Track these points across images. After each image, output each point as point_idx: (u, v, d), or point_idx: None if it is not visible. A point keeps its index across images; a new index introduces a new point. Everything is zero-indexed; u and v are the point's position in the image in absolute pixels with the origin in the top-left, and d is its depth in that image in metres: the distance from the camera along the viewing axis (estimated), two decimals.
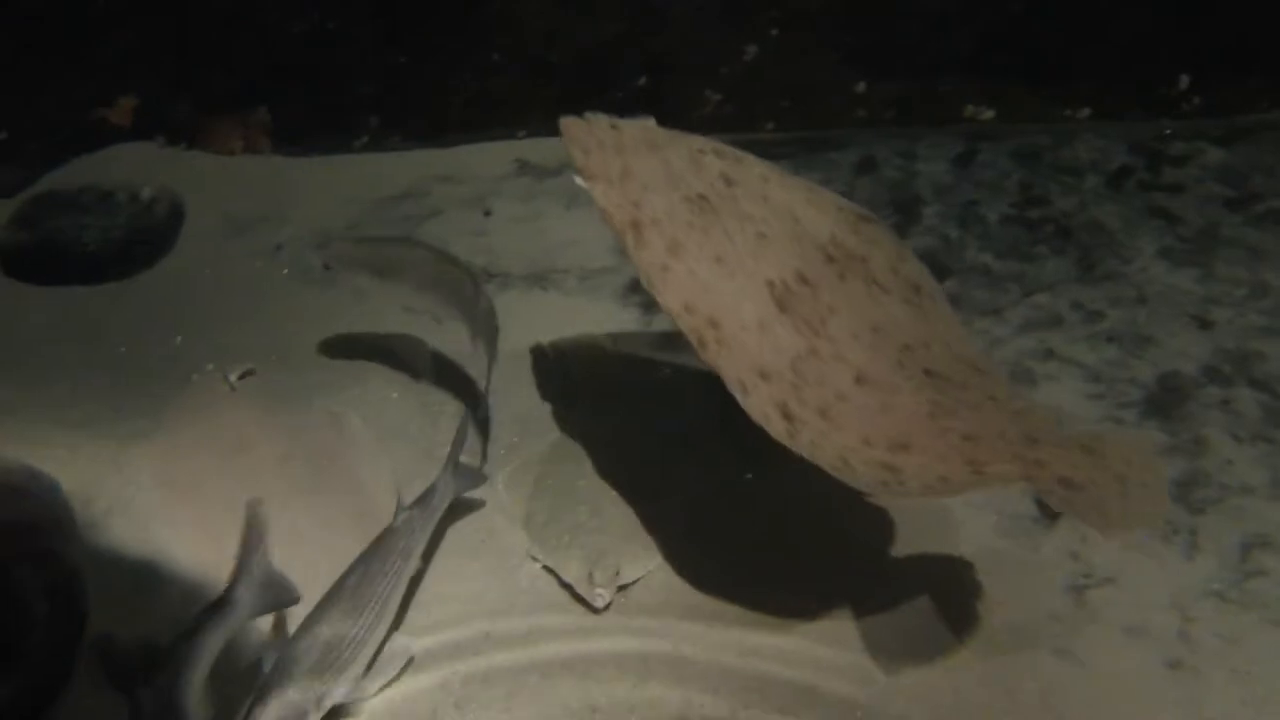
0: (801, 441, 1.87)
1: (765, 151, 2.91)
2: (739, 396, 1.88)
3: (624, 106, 2.95)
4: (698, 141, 2.08)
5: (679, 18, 2.97)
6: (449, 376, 2.49)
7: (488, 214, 2.85)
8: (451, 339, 2.47)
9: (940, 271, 2.66)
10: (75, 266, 2.74)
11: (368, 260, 2.41)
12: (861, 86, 3.09)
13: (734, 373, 1.89)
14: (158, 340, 2.60)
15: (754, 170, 2.09)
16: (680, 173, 2.02)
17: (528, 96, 3.02)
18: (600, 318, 2.62)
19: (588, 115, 2.05)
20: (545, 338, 2.58)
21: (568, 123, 2.03)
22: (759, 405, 1.87)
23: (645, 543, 2.14)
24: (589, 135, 2.03)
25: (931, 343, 2.03)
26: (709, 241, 1.96)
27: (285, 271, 2.75)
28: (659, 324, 2.62)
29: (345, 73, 2.93)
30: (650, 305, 2.65)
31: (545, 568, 2.11)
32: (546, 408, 2.43)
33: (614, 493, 2.22)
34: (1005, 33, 3.06)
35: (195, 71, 2.90)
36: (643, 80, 3.01)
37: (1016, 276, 2.71)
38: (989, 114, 3.15)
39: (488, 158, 3.00)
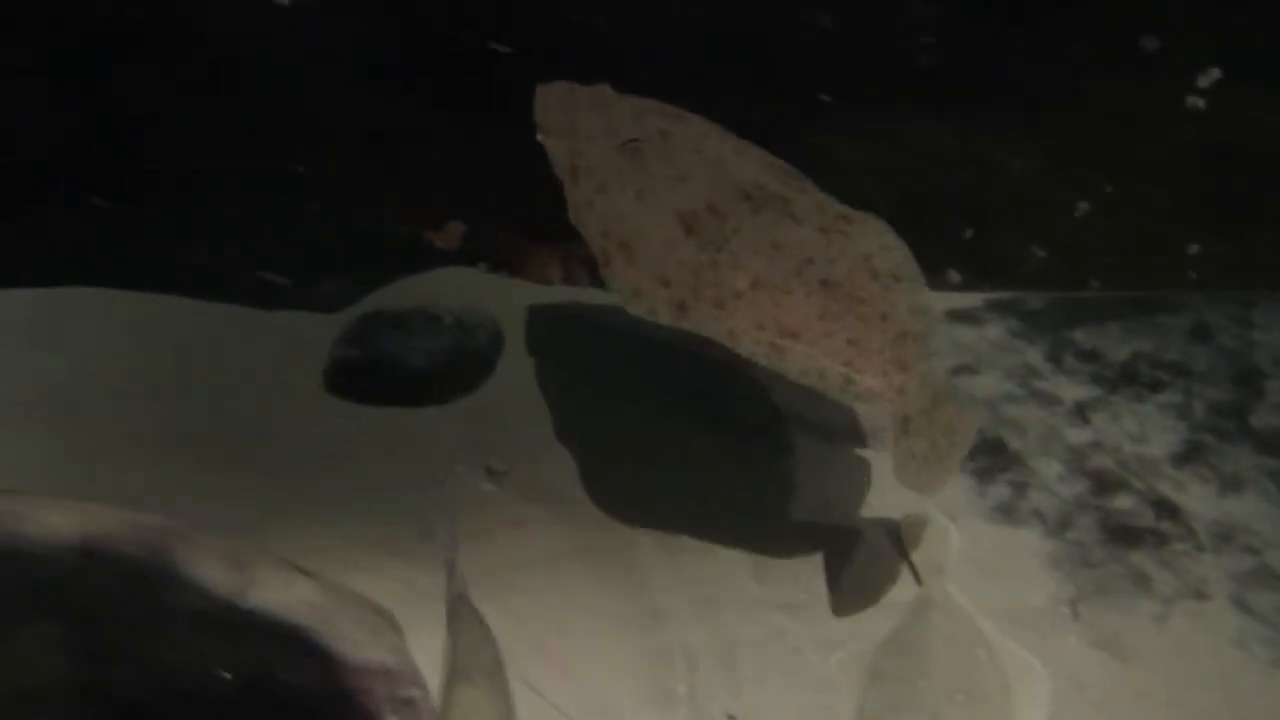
0: (689, 322, 2.28)
1: (1092, 311, 2.87)
2: (624, 301, 2.30)
3: (947, 257, 2.95)
4: (645, 103, 2.47)
5: (1009, 170, 2.89)
6: None
7: None
8: None
9: None
10: (398, 387, 2.75)
11: None
12: (1195, 248, 2.95)
13: (630, 283, 2.30)
14: (475, 465, 2.60)
15: (694, 128, 2.45)
16: (620, 127, 2.42)
17: None
18: None
19: (554, 83, 2.47)
20: (873, 496, 2.52)
21: (541, 88, 2.45)
22: (652, 304, 2.29)
23: None
24: (553, 97, 2.45)
25: (837, 259, 2.32)
26: (632, 181, 2.36)
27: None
28: (996, 492, 2.52)
29: None
30: (988, 471, 2.55)
31: None
32: None
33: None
34: None
35: (520, 201, 2.93)
36: (968, 233, 2.93)
37: None
38: None
39: None
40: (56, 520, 1.89)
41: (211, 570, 1.91)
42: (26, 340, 2.89)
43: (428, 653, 2.09)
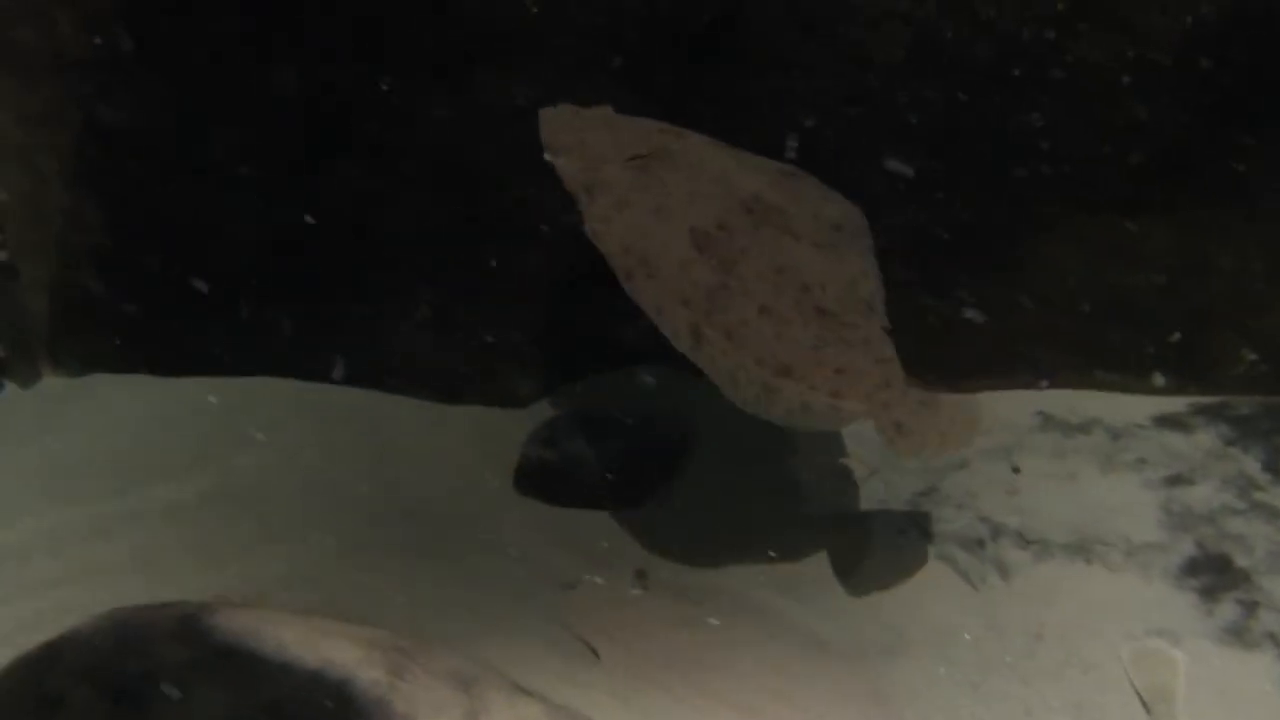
0: (703, 358, 2.39)
1: None
2: (653, 317, 2.41)
3: (1153, 360, 2.87)
4: (647, 122, 2.58)
5: (1224, 272, 2.81)
6: None
7: (1016, 470, 2.72)
8: None
9: None
10: (586, 488, 2.73)
11: None
12: None
13: (654, 300, 2.40)
14: (668, 571, 2.57)
15: (693, 141, 2.55)
16: (628, 144, 2.51)
17: (1053, 344, 2.89)
18: (1151, 600, 2.43)
19: (559, 105, 2.57)
20: (1091, 618, 2.43)
21: (545, 111, 2.54)
22: (673, 324, 2.39)
23: None
24: (558, 118, 2.54)
25: (830, 284, 2.44)
26: (649, 197, 2.46)
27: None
28: (1223, 613, 2.42)
29: None
30: (1212, 590, 2.45)
31: None
32: None
33: None
34: None
35: None
36: (1176, 336, 2.84)
37: None
38: None
39: (1008, 406, 2.84)
40: (295, 641, 1.89)
41: (446, 694, 1.89)
42: (218, 430, 2.93)
43: None
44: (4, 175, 2.91)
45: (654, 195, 2.46)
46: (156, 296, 3.03)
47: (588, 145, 2.51)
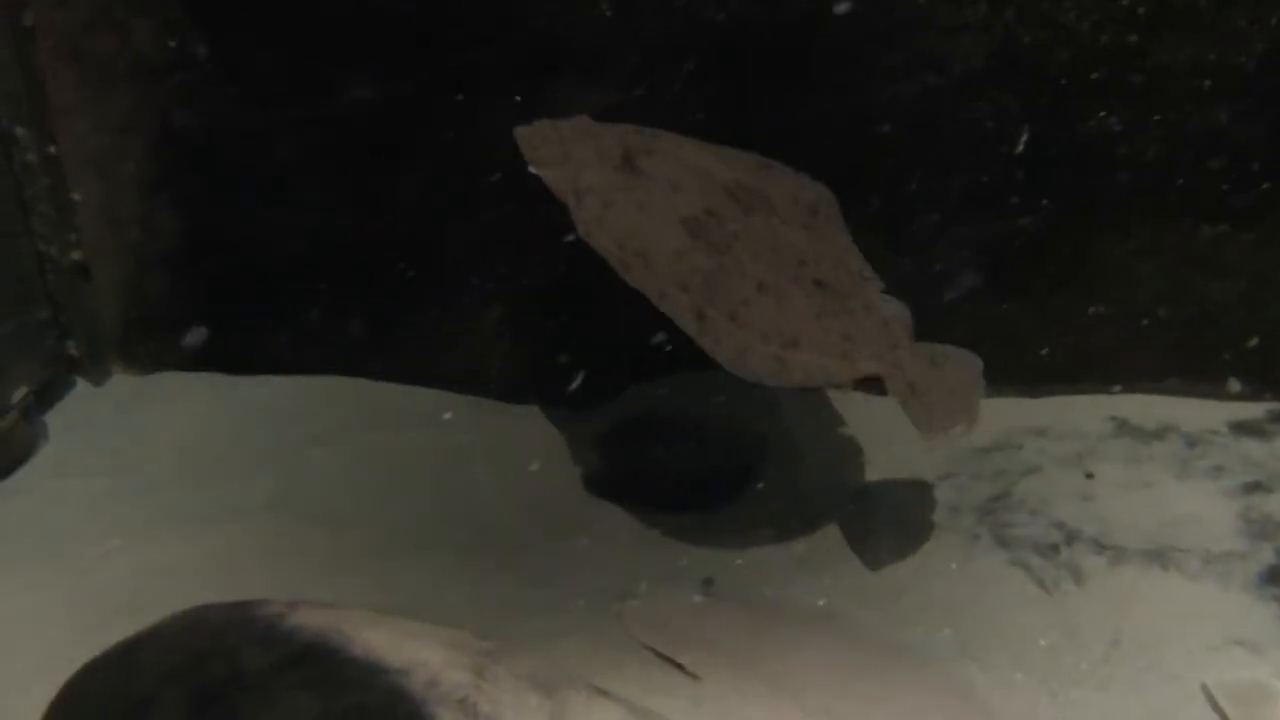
0: (707, 340, 2.44)
1: None
2: (657, 302, 2.46)
3: (1229, 366, 2.84)
4: (623, 127, 2.62)
5: None
6: None
7: (1090, 476, 2.70)
8: None
9: None
10: (657, 492, 2.74)
11: None
12: None
13: (656, 286, 2.46)
14: (743, 579, 2.55)
15: (669, 139, 2.61)
16: (609, 149, 2.57)
17: (1127, 350, 2.87)
18: (1231, 609, 2.42)
19: (534, 122, 2.59)
20: (1169, 626, 2.41)
21: (521, 130, 2.57)
22: (676, 308, 2.45)
23: None
24: (537, 134, 2.57)
25: (823, 259, 2.53)
26: (633, 195, 2.52)
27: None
28: None
29: (935, 313, 2.83)
30: None
31: None
32: None
33: None
34: None
35: None
36: (1255, 342, 2.81)
37: None
38: None
39: (1081, 412, 2.85)
40: (379, 642, 1.89)
41: (530, 697, 1.90)
42: (287, 429, 2.96)
43: None
44: (81, 179, 2.95)
45: (639, 192, 2.53)
46: (227, 297, 3.07)
47: (570, 155, 2.56)
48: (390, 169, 2.93)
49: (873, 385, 2.52)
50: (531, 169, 2.56)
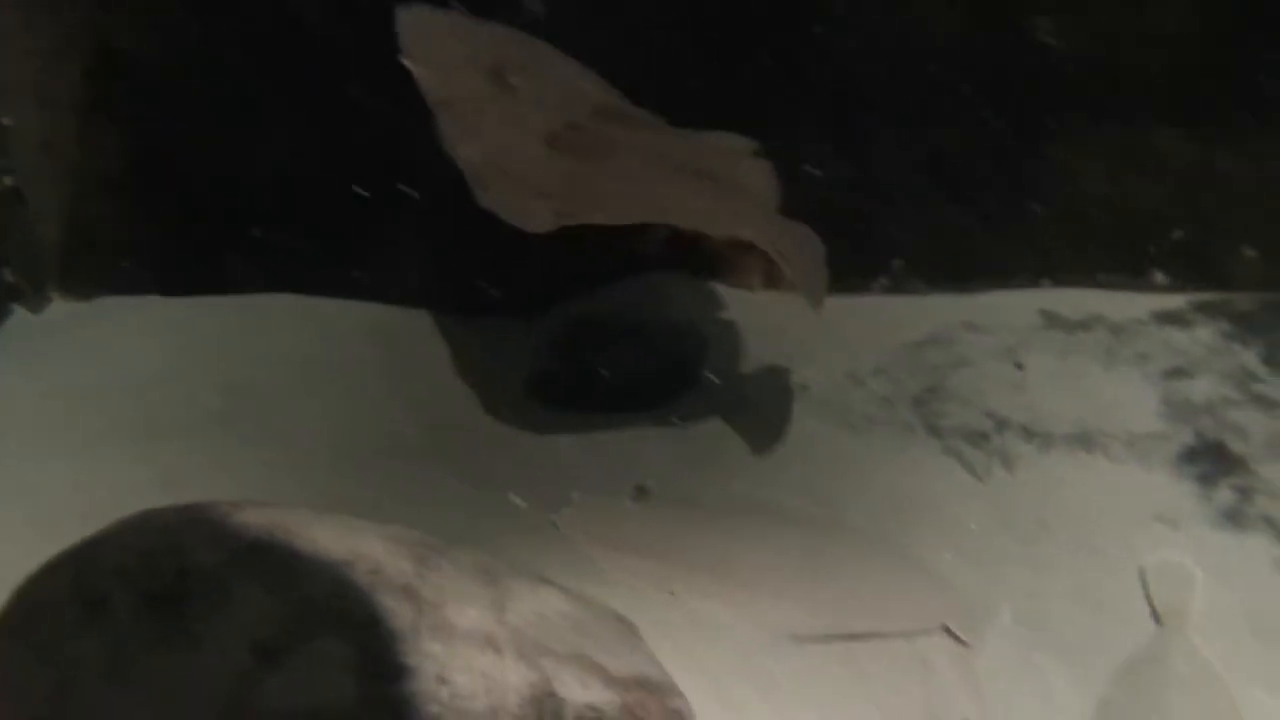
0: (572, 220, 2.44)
1: None
2: (515, 221, 2.42)
3: (1154, 258, 2.91)
4: (499, 29, 2.61)
5: (1234, 178, 2.84)
6: None
7: (1020, 367, 2.77)
8: None
9: None
10: (602, 396, 2.78)
11: None
12: None
13: (512, 203, 2.44)
14: (685, 477, 2.60)
15: (545, 55, 2.61)
16: (481, 56, 2.55)
17: (1057, 246, 2.93)
18: (1152, 488, 2.50)
19: (414, 7, 2.52)
20: (1094, 506, 2.49)
21: (403, 14, 2.49)
22: (531, 219, 2.43)
23: None
24: (417, 22, 2.50)
25: (691, 153, 2.57)
26: (499, 109, 2.51)
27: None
28: (1221, 498, 2.49)
29: (879, 216, 2.92)
30: (1209, 477, 2.52)
31: None
32: None
33: None
34: None
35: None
36: (1178, 235, 2.88)
37: None
38: None
39: (1012, 307, 2.91)
40: (323, 537, 1.93)
41: (472, 585, 1.95)
42: (232, 348, 2.96)
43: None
44: (14, 105, 2.92)
45: (507, 105, 2.53)
46: (166, 220, 3.06)
47: (444, 52, 2.54)
48: (329, 86, 2.91)
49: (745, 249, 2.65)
50: (403, 60, 2.51)
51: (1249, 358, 2.74)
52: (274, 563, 1.90)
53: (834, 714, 2.12)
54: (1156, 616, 2.31)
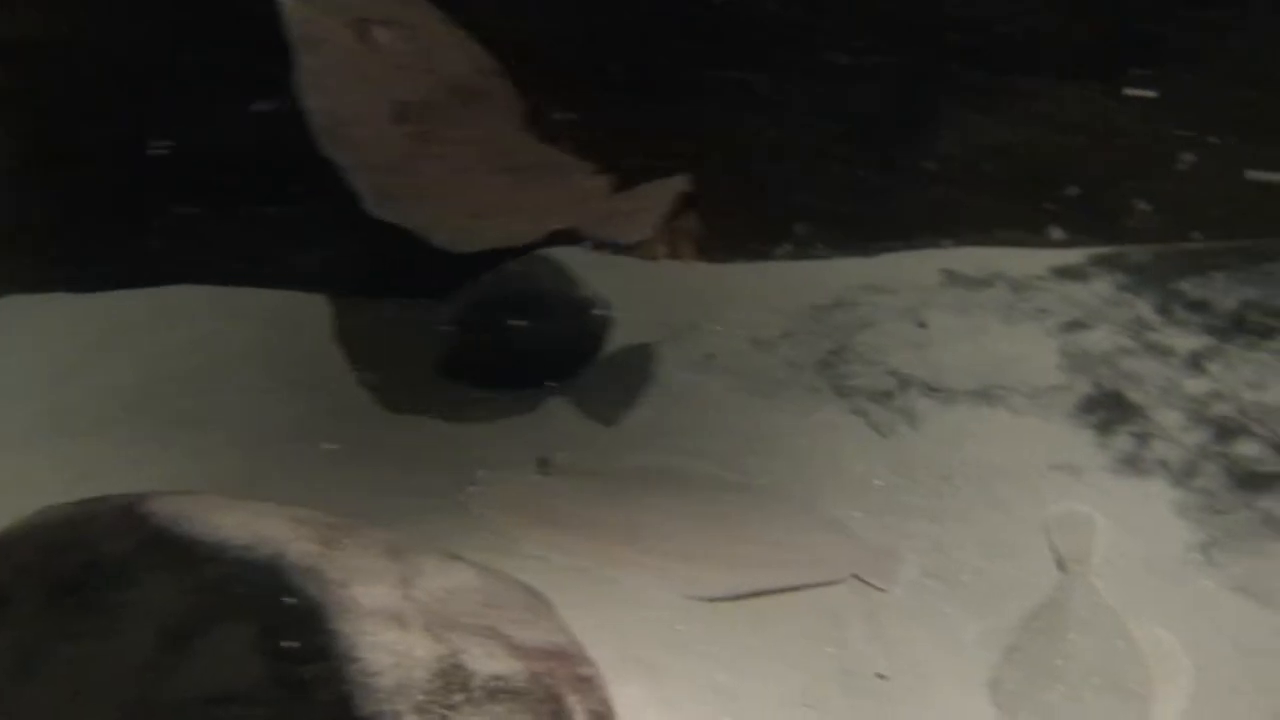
0: (390, 213, 2.44)
1: (1198, 262, 2.87)
2: (342, 174, 2.43)
3: (1052, 216, 2.96)
4: None
5: (1127, 132, 2.89)
6: None
7: (922, 326, 2.82)
8: None
9: None
10: (508, 372, 2.78)
11: None
12: None
13: (345, 159, 2.44)
14: (592, 448, 2.62)
15: (418, 15, 2.60)
16: (351, 4, 2.54)
17: (956, 205, 2.98)
18: (1052, 439, 2.56)
19: None
20: (996, 459, 2.54)
21: None
22: (359, 185, 2.43)
23: None
24: None
25: (528, 151, 2.61)
26: (357, 64, 2.50)
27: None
28: (1118, 445, 2.56)
29: (781, 181, 2.94)
30: (1107, 424, 2.59)
31: None
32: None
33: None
34: None
35: (625, 180, 2.94)
36: (1073, 190, 2.94)
37: None
38: None
39: (915, 267, 2.95)
40: (227, 522, 1.94)
41: (378, 563, 1.96)
42: (141, 340, 2.93)
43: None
44: None
45: (364, 62, 2.52)
46: (70, 215, 3.03)
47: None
48: (230, 73, 2.90)
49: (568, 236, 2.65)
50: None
51: (1144, 308, 2.81)
52: (179, 550, 1.91)
53: (747, 672, 2.16)
54: (1060, 563, 2.38)
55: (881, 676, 2.19)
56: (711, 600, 2.26)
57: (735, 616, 2.26)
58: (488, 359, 2.80)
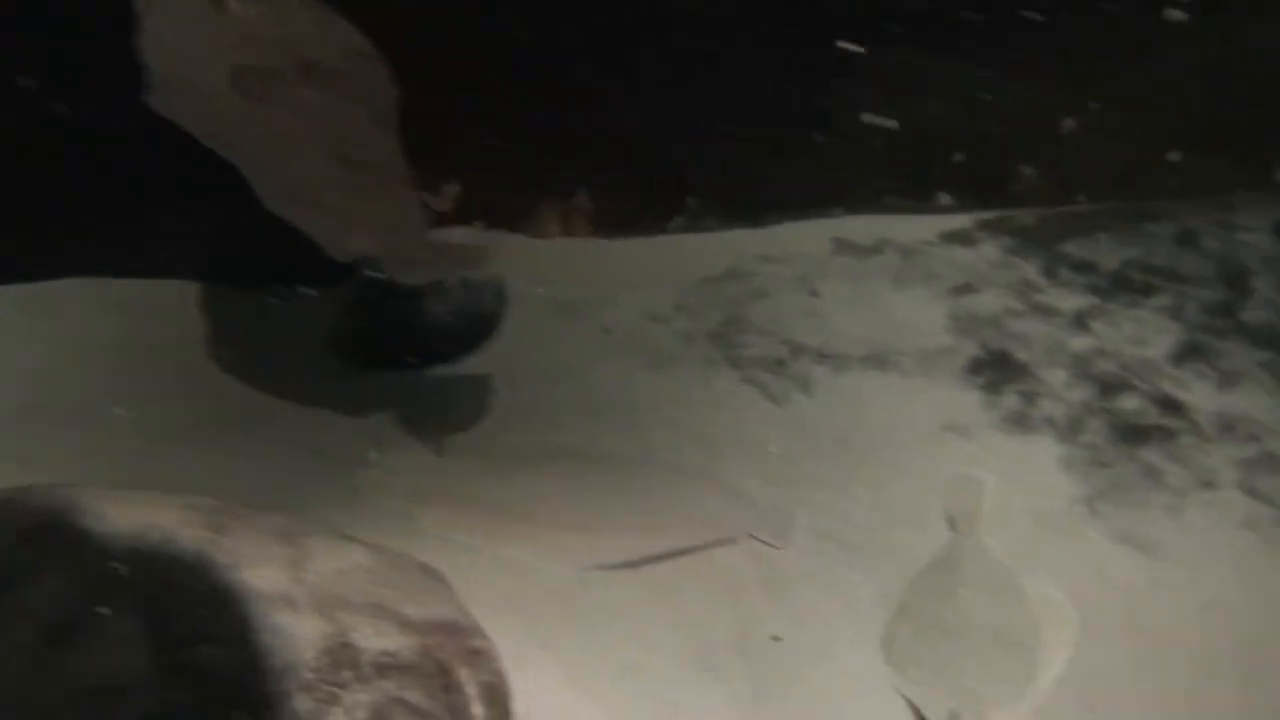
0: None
1: (1082, 224, 2.94)
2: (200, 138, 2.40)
3: (940, 183, 3.01)
4: None
5: (1011, 98, 2.92)
6: None
7: (814, 295, 2.85)
8: None
9: None
10: (405, 352, 2.76)
11: None
12: (1176, 155, 3.02)
13: (182, 119, 2.40)
14: (488, 427, 2.63)
15: None
16: None
17: (844, 176, 3.00)
18: (942, 400, 2.61)
19: None
20: (889, 422, 2.59)
21: None
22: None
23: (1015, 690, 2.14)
24: None
25: (369, 145, 2.54)
26: (204, 28, 2.42)
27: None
28: (1006, 403, 2.61)
29: (670, 155, 2.95)
30: (995, 384, 2.64)
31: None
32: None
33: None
34: None
35: (517, 158, 2.95)
36: (959, 157, 2.98)
37: None
38: None
39: (806, 237, 2.97)
40: (113, 512, 1.92)
41: (268, 547, 1.95)
42: (30, 337, 2.87)
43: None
44: None
45: (210, 28, 2.45)
46: None
47: None
48: (115, 60, 2.86)
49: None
50: None
51: (1030, 270, 2.87)
52: (63, 542, 1.89)
53: (646, 639, 2.19)
54: (951, 523, 2.43)
55: (776, 638, 2.23)
56: (609, 569, 2.29)
57: (634, 586, 2.28)
58: (382, 342, 2.78)
